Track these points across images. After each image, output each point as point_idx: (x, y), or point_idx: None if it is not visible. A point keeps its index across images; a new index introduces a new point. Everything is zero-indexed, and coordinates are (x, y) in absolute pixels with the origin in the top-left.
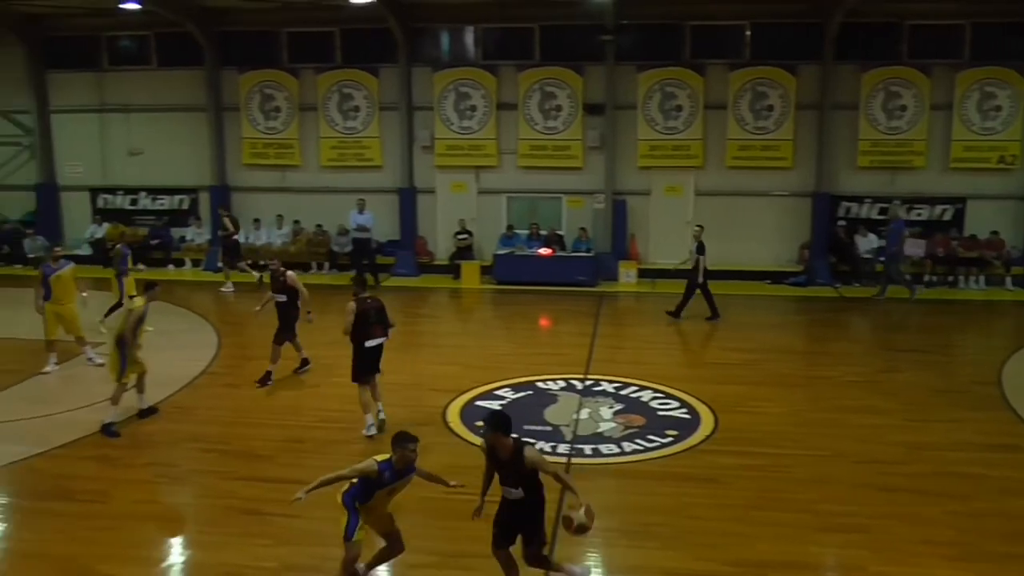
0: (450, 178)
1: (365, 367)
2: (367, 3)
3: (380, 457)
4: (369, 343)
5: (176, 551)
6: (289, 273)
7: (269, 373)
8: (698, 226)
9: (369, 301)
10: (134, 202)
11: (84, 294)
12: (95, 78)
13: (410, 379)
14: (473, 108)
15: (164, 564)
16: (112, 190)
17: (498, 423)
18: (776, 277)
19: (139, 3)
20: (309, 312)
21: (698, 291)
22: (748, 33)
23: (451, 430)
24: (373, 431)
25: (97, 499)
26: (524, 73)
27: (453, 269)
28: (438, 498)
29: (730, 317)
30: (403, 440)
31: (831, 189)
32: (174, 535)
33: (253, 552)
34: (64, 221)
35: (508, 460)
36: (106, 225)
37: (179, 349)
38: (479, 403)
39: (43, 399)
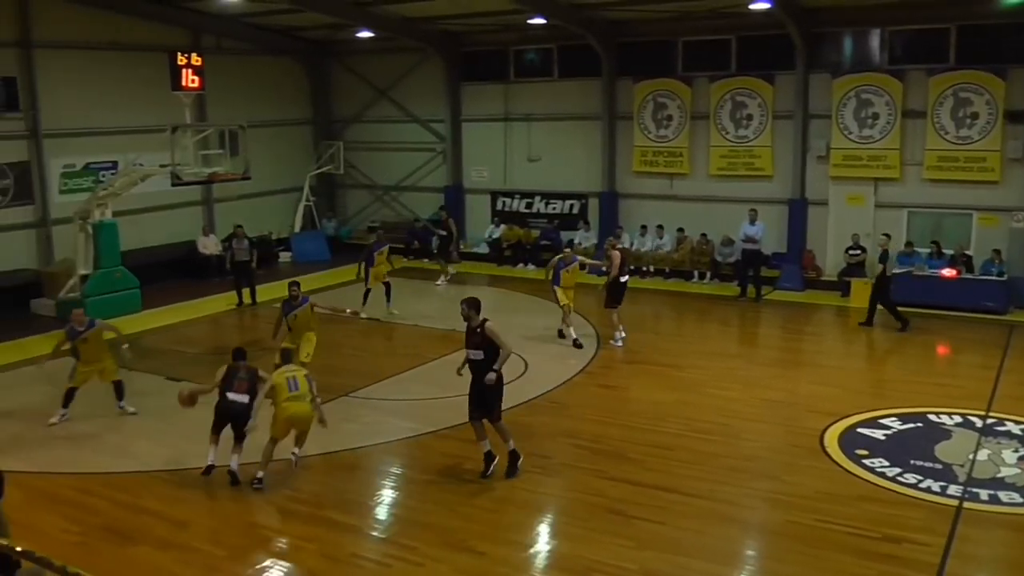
0: (845, 190)
1: (619, 296)
2: (766, 10)
3: None
4: (623, 279)
5: (543, 539)
6: (488, 324)
7: (514, 454)
8: (885, 235)
9: (623, 250)
10: (529, 205)
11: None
12: (502, 89)
13: (786, 397)
14: (875, 116)
15: (532, 550)
16: (510, 194)
17: None
18: None
19: (545, 19)
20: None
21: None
22: None
23: (828, 455)
24: (620, 343)
25: (478, 480)
26: (935, 77)
27: (841, 286)
28: (807, 524)
29: None
30: None
31: None
32: (543, 523)
33: (615, 552)
34: (467, 221)
35: None
36: (503, 226)
37: (559, 347)
38: (861, 430)
39: (438, 382)
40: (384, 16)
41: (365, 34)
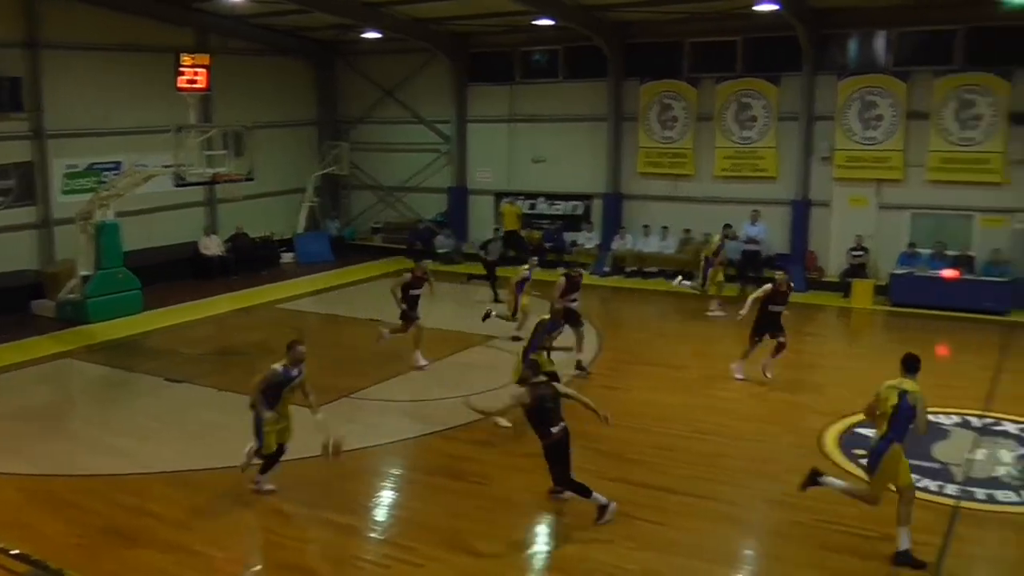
0: (848, 191)
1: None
2: (774, 11)
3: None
4: (772, 307)
5: (543, 540)
6: None
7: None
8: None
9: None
10: (532, 207)
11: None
12: (508, 90)
13: (787, 398)
14: (879, 118)
15: (533, 550)
16: (514, 195)
17: None
18: None
19: (553, 20)
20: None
21: None
22: None
23: (826, 455)
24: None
25: (481, 481)
26: (941, 79)
27: (843, 287)
28: (807, 524)
29: None
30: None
31: None
32: (543, 524)
33: (617, 553)
34: (470, 222)
35: None
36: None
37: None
38: (859, 430)
39: (442, 383)
40: (393, 17)
41: (372, 35)
